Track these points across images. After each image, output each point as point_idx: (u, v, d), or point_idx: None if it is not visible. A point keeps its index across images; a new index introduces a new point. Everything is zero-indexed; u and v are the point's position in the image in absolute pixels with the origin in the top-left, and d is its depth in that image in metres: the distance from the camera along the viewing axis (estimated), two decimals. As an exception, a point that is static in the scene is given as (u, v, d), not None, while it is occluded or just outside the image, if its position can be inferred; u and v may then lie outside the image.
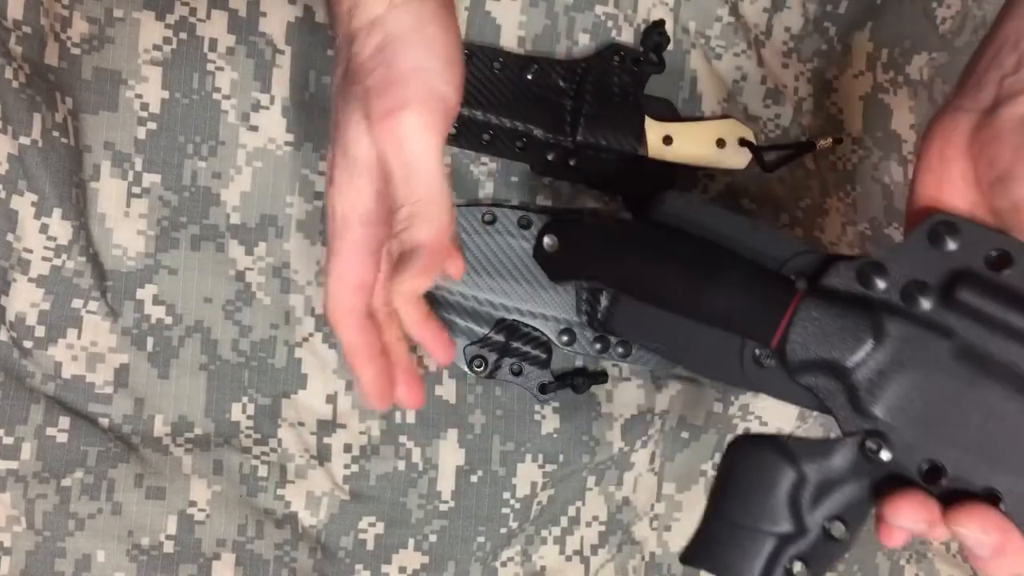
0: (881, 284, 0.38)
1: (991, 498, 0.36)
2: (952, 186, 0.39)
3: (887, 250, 0.39)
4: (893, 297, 0.38)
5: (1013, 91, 0.37)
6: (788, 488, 0.39)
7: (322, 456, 0.56)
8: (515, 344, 0.57)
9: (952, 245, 0.37)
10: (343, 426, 0.56)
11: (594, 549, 0.61)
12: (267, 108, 0.54)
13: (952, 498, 0.36)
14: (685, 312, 0.42)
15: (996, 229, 0.37)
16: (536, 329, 0.57)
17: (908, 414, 0.37)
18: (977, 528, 0.35)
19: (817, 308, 0.38)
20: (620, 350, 0.57)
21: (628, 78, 0.58)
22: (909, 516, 0.36)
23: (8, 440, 0.50)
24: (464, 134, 0.56)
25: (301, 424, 0.56)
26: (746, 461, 0.40)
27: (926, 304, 0.37)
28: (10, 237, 0.49)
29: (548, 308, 0.56)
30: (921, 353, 0.37)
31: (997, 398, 0.36)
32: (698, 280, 0.41)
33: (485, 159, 0.58)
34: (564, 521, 0.60)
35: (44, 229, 0.50)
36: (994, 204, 0.38)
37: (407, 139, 0.39)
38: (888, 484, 0.38)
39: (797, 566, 0.39)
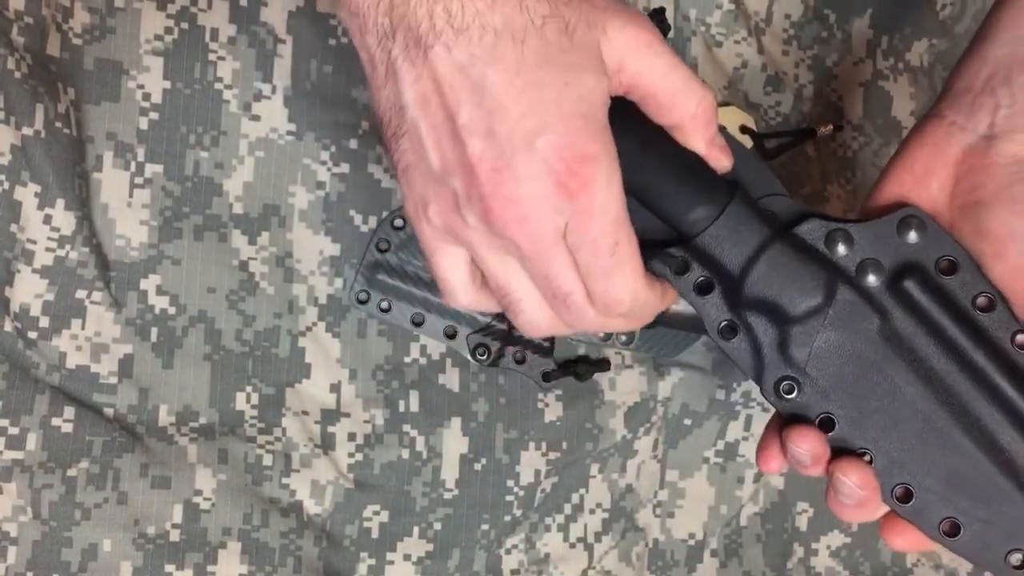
0: (843, 251, 0.41)
1: (862, 455, 0.41)
2: (926, 191, 0.42)
3: (857, 224, 0.42)
4: (849, 266, 0.41)
5: (1008, 127, 0.40)
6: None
7: (326, 445, 0.56)
8: (518, 332, 0.57)
9: (914, 239, 0.41)
10: (347, 415, 0.56)
11: (598, 536, 0.61)
12: (268, 98, 0.54)
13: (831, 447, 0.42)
14: (639, 194, 0.42)
15: (954, 240, 0.41)
16: (539, 317, 0.57)
17: (824, 369, 0.41)
18: (856, 481, 0.40)
19: (783, 254, 0.41)
20: (623, 338, 0.58)
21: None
22: (806, 445, 0.41)
23: (14, 430, 0.50)
24: None
25: (305, 413, 0.56)
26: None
27: (874, 282, 0.41)
28: (14, 228, 0.49)
29: None
30: (856, 322, 0.41)
31: (902, 381, 0.41)
32: (677, 181, 0.42)
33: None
34: (568, 508, 0.60)
35: (48, 220, 0.50)
36: (957, 222, 0.41)
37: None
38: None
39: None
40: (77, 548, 0.51)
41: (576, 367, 0.59)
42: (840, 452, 0.41)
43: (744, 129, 0.60)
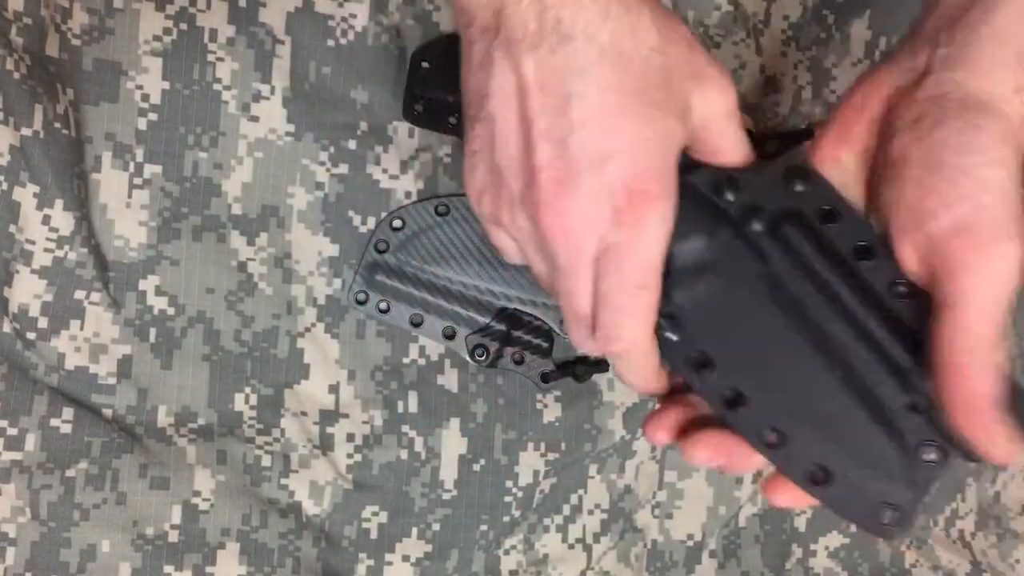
0: (730, 198, 0.41)
1: (738, 398, 0.41)
2: (860, 126, 0.42)
3: (744, 172, 0.42)
4: (733, 211, 0.41)
5: (940, 66, 0.39)
6: None
7: (325, 446, 0.56)
8: (517, 333, 0.57)
9: (799, 188, 0.41)
10: (346, 416, 0.56)
11: (596, 537, 0.61)
12: (267, 98, 0.54)
13: (707, 389, 0.42)
14: None
15: (837, 191, 0.41)
16: (537, 318, 0.57)
17: (703, 310, 0.42)
18: (709, 454, 0.41)
19: None
20: (621, 338, 0.58)
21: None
22: (660, 436, 0.42)
23: (12, 431, 0.50)
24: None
25: (304, 414, 0.56)
26: None
27: (757, 227, 0.41)
28: (12, 228, 0.49)
29: (549, 297, 0.57)
30: (735, 264, 0.41)
31: (778, 325, 0.41)
32: None
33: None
34: (566, 509, 0.60)
35: (46, 220, 0.50)
36: (876, 151, 0.41)
37: None
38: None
39: None
40: (76, 549, 0.51)
41: (575, 368, 0.59)
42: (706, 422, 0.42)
43: (743, 130, 0.60)
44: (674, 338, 0.41)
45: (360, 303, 0.56)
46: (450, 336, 0.57)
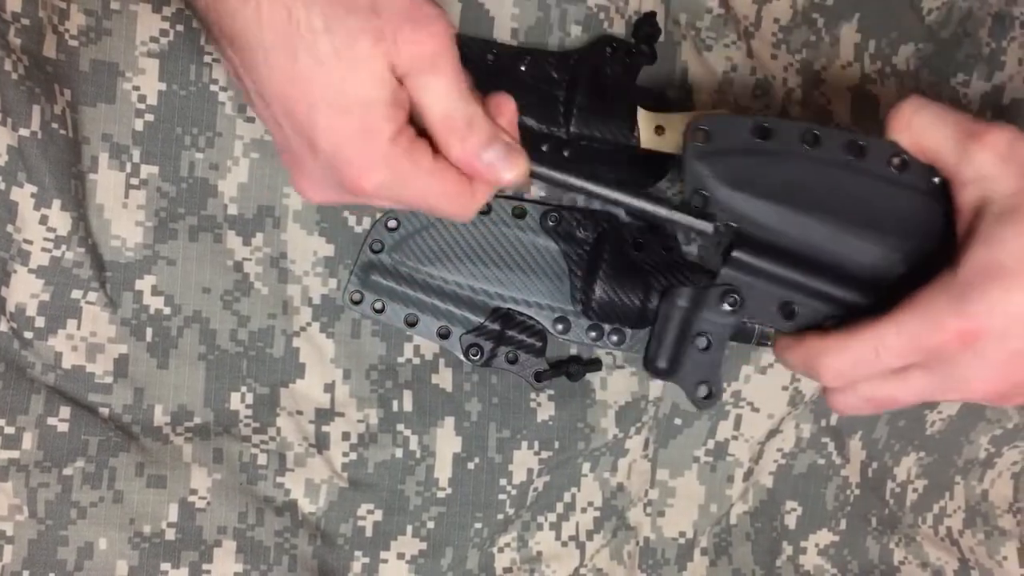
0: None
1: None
2: None
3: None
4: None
5: None
6: None
7: (320, 444, 0.56)
8: (510, 333, 0.58)
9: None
10: (341, 414, 0.57)
11: (589, 535, 0.61)
12: (264, 100, 0.54)
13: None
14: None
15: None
16: (531, 318, 0.58)
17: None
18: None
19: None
20: (614, 338, 0.58)
21: (620, 69, 0.58)
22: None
23: (9, 430, 0.50)
24: None
25: (299, 413, 0.56)
26: None
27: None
28: (10, 228, 0.49)
29: (543, 297, 0.57)
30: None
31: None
32: None
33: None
34: (560, 507, 0.61)
35: (44, 220, 0.50)
36: None
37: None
38: None
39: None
40: (73, 547, 0.51)
41: (568, 367, 0.59)
42: None
43: (734, 132, 0.60)
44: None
45: (355, 303, 0.56)
46: (444, 336, 0.57)
